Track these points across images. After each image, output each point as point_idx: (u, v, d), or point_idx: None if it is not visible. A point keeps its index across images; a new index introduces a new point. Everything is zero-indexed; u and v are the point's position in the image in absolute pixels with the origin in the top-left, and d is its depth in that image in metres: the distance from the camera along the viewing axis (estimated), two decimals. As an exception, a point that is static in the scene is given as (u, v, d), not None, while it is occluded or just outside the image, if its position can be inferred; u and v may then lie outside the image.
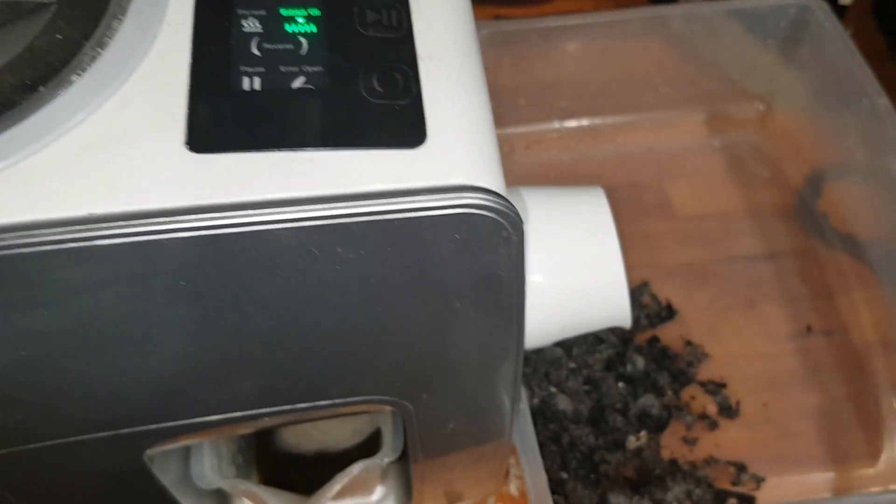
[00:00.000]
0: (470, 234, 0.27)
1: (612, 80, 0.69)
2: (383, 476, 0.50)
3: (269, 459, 0.53)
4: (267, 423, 0.38)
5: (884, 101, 0.58)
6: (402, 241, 0.27)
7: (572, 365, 0.54)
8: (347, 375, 0.33)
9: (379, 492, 0.50)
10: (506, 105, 0.69)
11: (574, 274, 0.39)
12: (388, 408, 0.37)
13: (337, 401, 0.35)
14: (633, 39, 0.68)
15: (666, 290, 0.61)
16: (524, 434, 0.47)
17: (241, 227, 0.24)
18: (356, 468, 0.42)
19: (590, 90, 0.69)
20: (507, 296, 0.31)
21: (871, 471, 0.54)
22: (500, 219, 0.27)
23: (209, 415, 0.34)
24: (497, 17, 0.75)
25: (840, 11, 0.71)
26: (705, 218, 0.65)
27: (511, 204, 0.28)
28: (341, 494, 0.48)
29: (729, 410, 0.56)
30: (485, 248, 0.28)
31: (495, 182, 0.28)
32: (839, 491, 0.54)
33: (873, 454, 0.55)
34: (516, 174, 0.69)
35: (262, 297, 0.27)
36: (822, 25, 0.62)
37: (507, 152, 0.70)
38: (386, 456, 0.43)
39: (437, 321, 0.32)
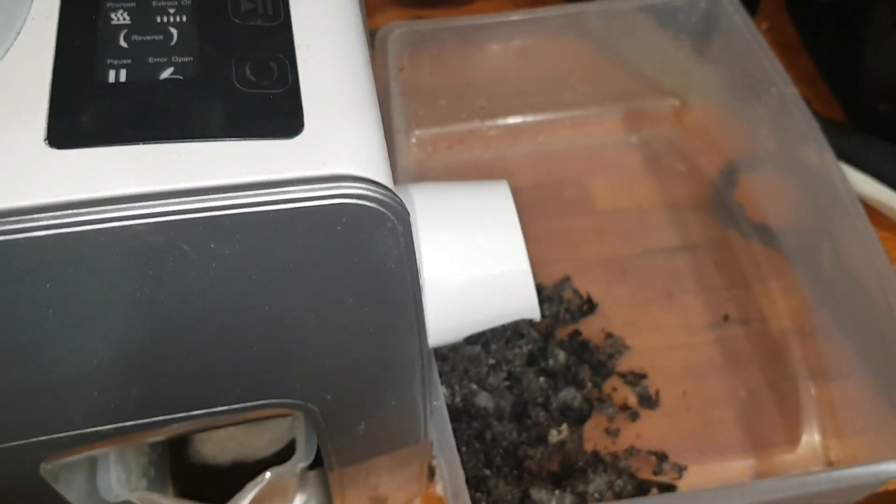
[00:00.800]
0: (352, 225, 0.27)
1: (531, 78, 0.70)
2: (302, 484, 0.49)
3: (185, 472, 0.51)
4: (167, 431, 0.37)
5: (792, 90, 0.59)
6: (280, 234, 0.26)
7: (492, 361, 0.53)
8: (240, 379, 0.32)
9: (298, 501, 0.49)
10: (426, 106, 0.69)
11: (478, 266, 0.38)
12: (294, 412, 0.36)
13: (234, 406, 0.34)
14: (550, 38, 0.68)
15: (587, 285, 0.61)
16: (442, 433, 0.46)
17: (99, 224, 0.23)
18: (267, 476, 0.41)
19: (509, 89, 0.69)
20: (400, 290, 0.31)
21: (791, 456, 0.55)
22: (383, 209, 0.27)
23: (100, 425, 0.33)
24: (417, 19, 0.75)
25: (753, 7, 0.72)
26: (624, 212, 0.66)
27: (395, 194, 0.27)
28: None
29: (649, 401, 0.56)
30: (370, 241, 0.28)
31: (377, 172, 0.27)
32: (761, 477, 0.54)
33: (793, 439, 0.55)
34: (438, 173, 0.69)
35: (135, 298, 0.26)
36: (730, 19, 0.63)
37: (430, 152, 0.70)
38: (299, 461, 0.43)
39: (329, 318, 0.31)
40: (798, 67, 0.71)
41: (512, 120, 0.71)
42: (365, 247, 0.28)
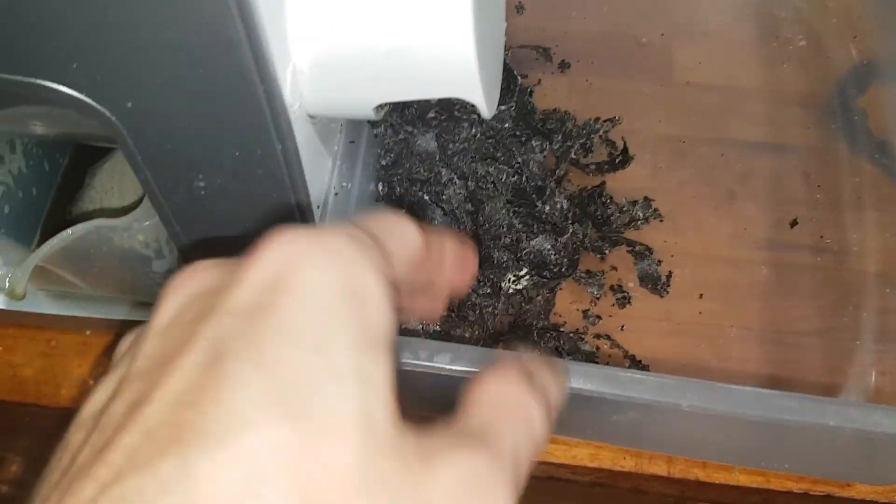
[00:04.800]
0: None
1: None
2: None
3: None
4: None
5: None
6: None
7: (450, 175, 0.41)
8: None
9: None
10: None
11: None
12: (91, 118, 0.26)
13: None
14: None
15: (635, 163, 0.48)
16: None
17: None
18: (70, 232, 0.32)
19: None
20: None
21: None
22: None
23: None
24: None
25: None
26: (708, 89, 0.51)
27: None
28: (105, 277, 0.37)
29: (655, 284, 0.43)
30: None
31: None
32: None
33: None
34: None
35: None
36: None
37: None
38: (136, 220, 0.33)
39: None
40: None
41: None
42: None
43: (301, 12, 0.27)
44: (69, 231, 0.32)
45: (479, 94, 0.28)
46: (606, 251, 0.44)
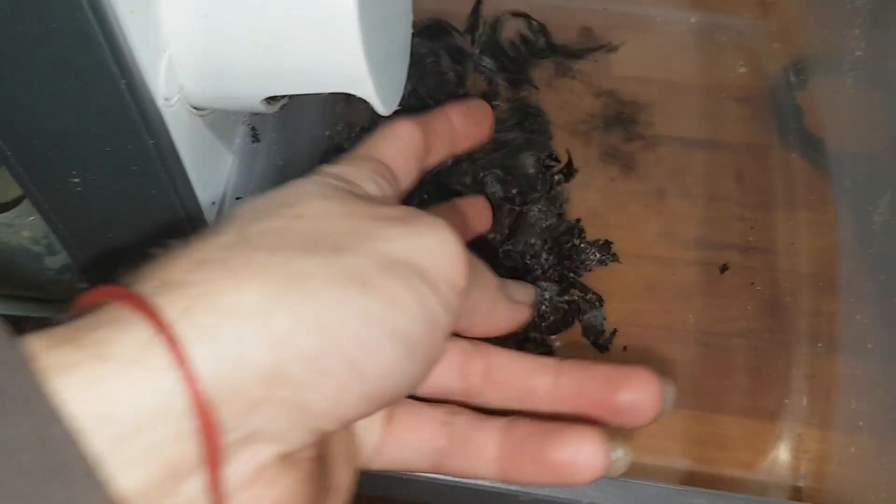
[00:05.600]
0: None
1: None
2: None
3: None
4: None
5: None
6: None
7: None
8: None
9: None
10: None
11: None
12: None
13: None
14: None
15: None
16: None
17: None
18: None
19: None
20: None
21: (746, 439, 0.40)
22: None
23: None
24: None
25: None
26: (645, 83, 0.50)
27: None
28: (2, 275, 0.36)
29: (598, 337, 0.42)
30: None
31: None
32: (692, 465, 0.40)
33: (759, 416, 0.40)
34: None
35: None
36: None
37: None
38: (18, 215, 0.31)
39: None
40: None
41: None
42: None
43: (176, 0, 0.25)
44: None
45: (371, 88, 0.27)
46: (564, 296, 0.42)
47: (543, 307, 0.40)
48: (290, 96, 0.30)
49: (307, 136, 0.41)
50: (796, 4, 0.52)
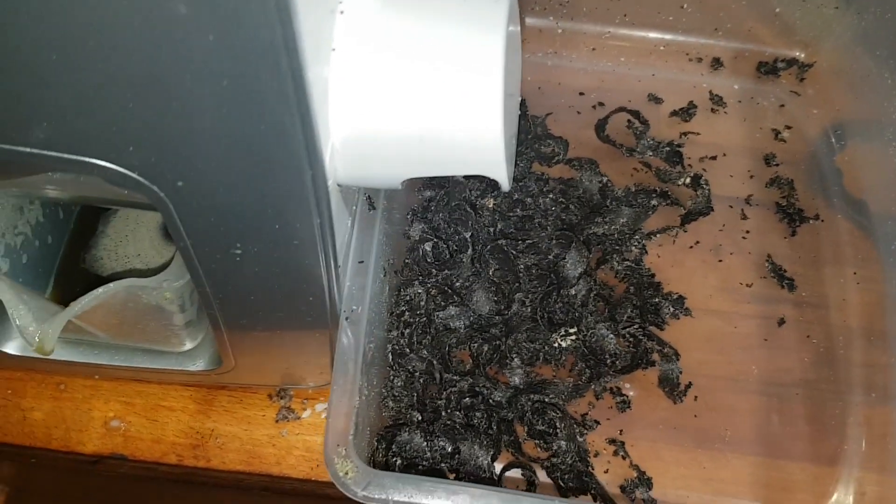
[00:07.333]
0: None
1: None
2: (193, 333, 0.40)
3: (75, 277, 0.43)
4: None
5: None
6: None
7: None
8: (46, 110, 0.24)
9: (189, 345, 0.41)
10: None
11: (425, 71, 0.28)
12: (141, 194, 0.27)
13: (44, 152, 0.25)
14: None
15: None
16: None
17: None
18: (112, 286, 0.33)
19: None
20: (269, 69, 0.21)
21: (810, 480, 0.43)
22: None
23: None
24: None
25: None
26: (695, 144, 0.54)
27: None
28: (126, 328, 0.38)
29: (674, 388, 0.45)
30: None
31: None
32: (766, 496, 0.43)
33: (821, 460, 0.44)
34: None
35: None
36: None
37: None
38: (165, 279, 0.34)
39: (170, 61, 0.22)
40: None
41: (590, 27, 0.58)
42: None
43: (342, 95, 0.28)
44: (101, 290, 0.33)
45: (503, 171, 0.30)
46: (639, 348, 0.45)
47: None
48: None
49: (404, 200, 0.45)
50: (836, 74, 0.55)
